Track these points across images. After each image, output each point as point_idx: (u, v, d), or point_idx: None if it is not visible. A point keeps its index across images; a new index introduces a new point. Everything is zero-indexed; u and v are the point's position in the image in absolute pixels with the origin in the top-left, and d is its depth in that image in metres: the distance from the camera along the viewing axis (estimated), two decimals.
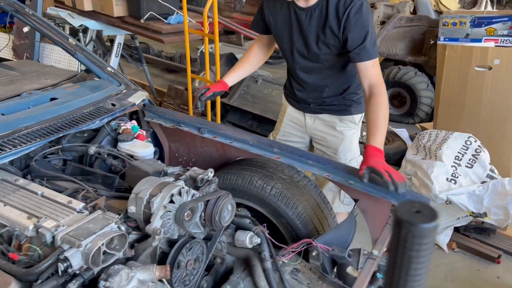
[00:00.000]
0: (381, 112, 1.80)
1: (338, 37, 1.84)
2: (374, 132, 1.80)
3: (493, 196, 2.51)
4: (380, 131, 1.78)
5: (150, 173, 1.61)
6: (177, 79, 6.48)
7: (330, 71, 2.03)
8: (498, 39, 2.96)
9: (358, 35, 1.78)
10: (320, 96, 2.13)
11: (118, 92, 2.12)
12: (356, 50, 1.79)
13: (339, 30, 1.82)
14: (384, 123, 1.79)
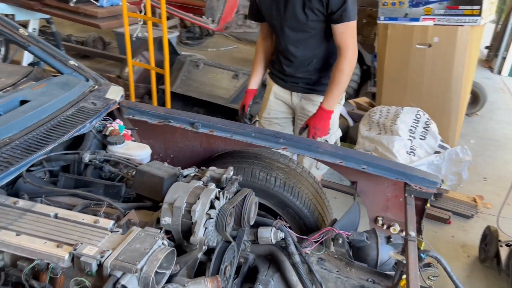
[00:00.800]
0: (335, 74, 2.03)
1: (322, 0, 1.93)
2: (327, 93, 2.09)
3: (449, 164, 2.75)
4: (332, 92, 2.05)
5: (165, 178, 1.48)
6: (93, 66, 5.98)
7: (317, 41, 2.12)
8: (435, 18, 3.19)
9: (337, 1, 1.89)
10: (307, 70, 2.20)
11: (91, 88, 1.89)
12: (339, 11, 1.91)
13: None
14: (336, 85, 2.04)
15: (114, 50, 6.41)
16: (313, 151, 1.83)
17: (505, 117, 5.20)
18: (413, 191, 1.69)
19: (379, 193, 1.90)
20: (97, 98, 1.81)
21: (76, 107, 1.69)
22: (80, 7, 3.26)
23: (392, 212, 1.90)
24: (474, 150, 4.23)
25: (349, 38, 1.97)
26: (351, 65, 2.02)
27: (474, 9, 3.02)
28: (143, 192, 1.53)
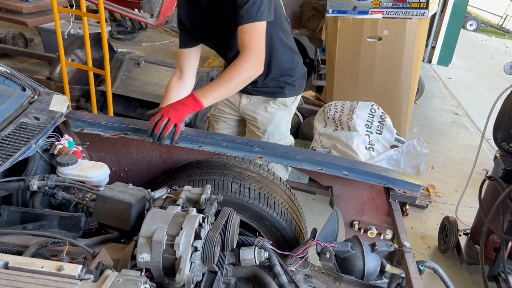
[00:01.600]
0: (228, 72, 1.72)
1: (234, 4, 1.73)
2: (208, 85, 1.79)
3: (408, 158, 2.75)
4: (212, 85, 1.74)
5: (133, 204, 1.29)
6: (15, 65, 5.41)
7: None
8: (384, 11, 3.18)
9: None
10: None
11: (30, 99, 1.62)
12: (240, 11, 1.71)
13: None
14: (223, 82, 1.72)
15: (38, 47, 5.85)
16: (291, 159, 1.72)
17: (440, 105, 5.43)
18: (397, 195, 1.62)
19: (355, 197, 1.83)
20: (40, 111, 1.55)
21: (15, 124, 1.43)
22: (1, 2, 2.87)
23: (368, 215, 1.84)
24: None
25: (253, 39, 1.69)
26: (250, 68, 1.70)
27: (421, 2, 3.05)
28: (107, 221, 1.31)
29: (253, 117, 2.18)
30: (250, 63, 1.69)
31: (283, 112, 2.17)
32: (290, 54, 2.05)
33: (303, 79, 2.16)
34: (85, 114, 1.77)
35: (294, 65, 2.06)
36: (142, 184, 1.97)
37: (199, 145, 1.72)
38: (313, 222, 2.99)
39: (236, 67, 1.69)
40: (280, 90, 2.09)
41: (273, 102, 2.13)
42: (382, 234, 1.81)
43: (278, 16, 1.87)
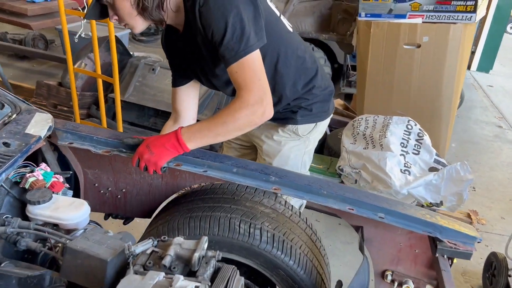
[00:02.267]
0: (222, 114, 1.35)
1: (211, 43, 1.35)
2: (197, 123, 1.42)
3: (449, 184, 2.41)
4: (203, 127, 1.37)
5: (108, 261, 1.02)
6: (34, 68, 5.31)
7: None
8: (424, 15, 2.84)
9: (216, 30, 1.29)
10: None
11: (6, 119, 1.38)
12: (220, 50, 1.31)
13: (204, 33, 1.34)
14: (215, 125, 1.36)
15: (58, 49, 5.73)
16: (315, 194, 1.41)
17: (481, 116, 4.99)
18: (446, 250, 1.30)
19: (389, 242, 1.52)
20: (13, 135, 1.30)
21: None
22: (5, 3, 2.70)
23: (405, 266, 1.53)
24: (456, 156, 3.98)
25: (248, 79, 1.32)
26: (250, 113, 1.32)
27: (468, 5, 2.69)
28: (77, 280, 1.05)
29: (259, 144, 1.82)
30: (251, 106, 1.31)
31: (295, 143, 1.76)
32: (303, 74, 1.63)
33: (325, 102, 1.72)
34: (76, 126, 1.53)
35: (309, 86, 1.65)
36: (142, 209, 1.73)
37: (204, 170, 1.44)
38: (338, 251, 2.69)
39: (231, 110, 1.33)
40: (291, 116, 1.69)
41: (282, 130, 1.73)
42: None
43: (275, 33, 1.49)
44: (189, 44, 1.48)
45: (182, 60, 1.61)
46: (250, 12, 1.32)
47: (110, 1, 1.34)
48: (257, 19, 1.34)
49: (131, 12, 1.35)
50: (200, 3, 1.29)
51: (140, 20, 1.38)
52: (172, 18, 1.43)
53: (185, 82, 1.66)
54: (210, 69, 1.51)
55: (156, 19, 1.38)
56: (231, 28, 1.27)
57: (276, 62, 1.54)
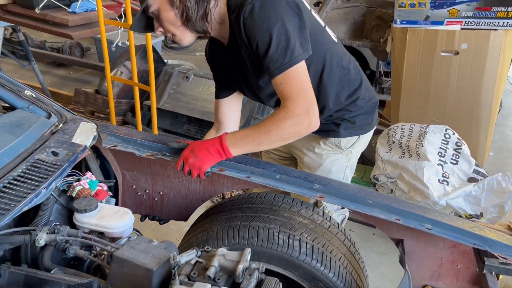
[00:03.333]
0: (267, 122, 1.36)
1: (255, 55, 1.36)
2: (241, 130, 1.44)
3: (490, 195, 2.34)
4: (248, 134, 1.39)
5: (154, 270, 1.03)
6: (70, 75, 5.47)
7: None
8: (462, 21, 2.77)
9: (261, 42, 1.30)
10: None
11: (53, 129, 1.42)
12: (265, 61, 1.32)
13: (249, 45, 1.35)
14: (259, 133, 1.37)
15: (93, 56, 5.89)
16: (360, 203, 1.39)
17: None
18: (495, 267, 1.25)
19: (430, 257, 1.49)
20: (60, 145, 1.34)
21: (28, 161, 1.22)
22: (47, 14, 2.78)
23: (446, 282, 1.50)
24: (495, 165, 3.86)
25: (294, 90, 1.33)
26: (296, 123, 1.33)
27: (509, 11, 2.61)
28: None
29: (300, 157, 1.81)
30: (297, 117, 1.31)
31: (337, 156, 1.74)
32: (347, 85, 1.61)
33: (368, 114, 1.70)
34: (120, 129, 1.56)
35: (353, 98, 1.63)
36: (179, 211, 1.75)
37: (247, 175, 1.45)
38: (373, 262, 2.65)
39: (276, 119, 1.33)
40: (334, 128, 1.67)
41: (324, 142, 1.71)
42: None
43: (320, 43, 1.49)
44: (233, 56, 1.50)
45: (226, 72, 1.62)
46: (295, 23, 1.33)
47: (156, 13, 1.37)
48: (303, 30, 1.35)
49: (175, 23, 1.37)
50: (245, 15, 1.30)
51: (186, 31, 1.40)
52: (216, 30, 1.45)
53: (228, 94, 1.68)
54: (254, 81, 1.52)
55: (200, 30, 1.40)
56: (276, 40, 1.28)
57: (321, 73, 1.53)
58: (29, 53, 3.92)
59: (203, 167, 1.39)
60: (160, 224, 1.76)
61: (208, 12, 1.38)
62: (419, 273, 1.51)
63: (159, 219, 1.73)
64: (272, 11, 1.29)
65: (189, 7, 1.34)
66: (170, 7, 1.34)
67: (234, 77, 1.59)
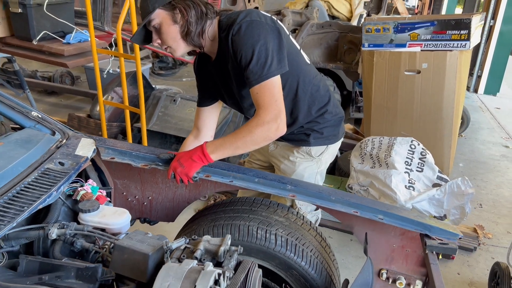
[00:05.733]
0: (242, 130, 1.59)
1: (239, 67, 1.59)
2: (220, 138, 1.66)
3: (451, 198, 2.58)
4: (225, 141, 1.61)
5: (149, 254, 1.24)
6: (61, 102, 5.68)
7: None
8: (422, 44, 3.08)
9: (245, 56, 1.53)
10: None
11: (58, 144, 1.64)
12: (246, 73, 1.55)
13: (234, 58, 1.59)
14: (235, 139, 1.59)
15: (83, 84, 6.12)
16: (325, 199, 1.62)
17: (488, 137, 5.14)
18: (435, 247, 1.49)
19: (384, 244, 1.71)
20: (66, 156, 1.56)
21: (39, 170, 1.43)
22: (44, 45, 3.02)
23: (397, 265, 1.71)
24: (464, 174, 4.12)
25: (266, 99, 1.55)
26: (265, 129, 1.54)
27: (462, 34, 2.92)
28: (124, 272, 1.27)
29: (277, 165, 2.04)
30: (267, 123, 1.53)
31: (309, 163, 1.96)
32: (317, 100, 1.84)
33: (335, 126, 1.92)
34: (116, 143, 1.77)
35: (322, 111, 1.85)
36: (166, 213, 1.95)
37: (230, 180, 1.67)
38: (350, 265, 2.86)
39: (250, 126, 1.56)
40: (305, 138, 1.89)
41: (297, 151, 1.94)
42: (412, 285, 1.67)
43: (295, 63, 1.72)
44: (220, 69, 1.72)
45: (211, 83, 1.85)
46: (275, 44, 1.57)
47: (157, 26, 1.59)
48: (281, 50, 1.58)
49: (175, 36, 1.59)
50: (233, 32, 1.54)
51: (182, 44, 1.62)
52: (208, 46, 1.68)
53: (210, 103, 1.91)
54: (236, 91, 1.74)
55: (196, 45, 1.64)
56: (257, 55, 1.51)
57: (296, 88, 1.76)
58: (23, 82, 4.13)
59: (189, 173, 1.61)
60: (151, 225, 1.95)
61: (205, 29, 1.62)
62: (376, 258, 1.72)
63: (149, 221, 1.93)
64: (256, 31, 1.54)
65: (191, 22, 1.57)
66: (172, 22, 1.57)
67: (219, 88, 1.82)
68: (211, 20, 1.62)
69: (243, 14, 1.58)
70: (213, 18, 1.63)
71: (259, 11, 1.66)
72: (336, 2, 5.32)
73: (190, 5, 1.56)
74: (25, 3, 2.91)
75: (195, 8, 1.56)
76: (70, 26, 3.15)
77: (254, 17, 1.57)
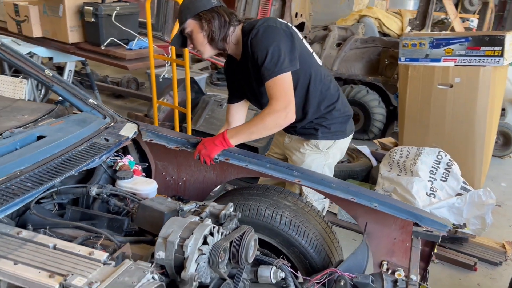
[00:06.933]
0: (256, 118, 1.87)
1: (257, 64, 1.84)
2: (238, 126, 1.97)
3: (471, 207, 2.64)
4: (241, 127, 1.92)
5: (165, 212, 1.51)
6: (126, 105, 6.24)
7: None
8: (456, 59, 3.17)
9: (260, 55, 1.80)
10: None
11: (106, 125, 1.98)
12: (261, 70, 1.81)
13: (252, 58, 1.85)
14: (250, 126, 1.87)
15: (147, 90, 6.67)
16: (326, 186, 1.81)
17: None
18: (420, 233, 1.63)
19: (386, 236, 1.85)
20: (111, 135, 1.89)
21: (88, 143, 1.77)
22: (110, 50, 3.47)
23: (398, 257, 1.84)
24: (505, 194, 4.05)
25: (278, 92, 1.81)
26: (275, 117, 1.81)
27: (495, 50, 2.99)
28: (144, 226, 1.56)
29: (290, 156, 2.26)
30: (277, 112, 1.79)
31: (316, 155, 2.15)
32: (327, 98, 2.06)
33: (342, 123, 2.13)
34: (156, 128, 2.08)
35: (330, 108, 2.06)
36: (197, 194, 2.19)
37: (245, 164, 1.91)
38: None
39: (262, 114, 1.83)
40: (313, 132, 2.10)
41: (307, 144, 2.14)
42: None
43: (307, 64, 1.96)
44: (243, 69, 2.00)
45: (237, 82, 2.13)
46: (288, 45, 1.83)
47: (189, 33, 1.91)
48: (293, 51, 1.85)
49: (202, 42, 1.90)
50: (252, 36, 1.83)
51: (208, 48, 1.93)
52: (233, 49, 1.98)
53: (238, 101, 2.19)
54: (256, 88, 2.01)
55: (220, 48, 1.94)
56: (270, 55, 1.78)
57: (308, 85, 2.01)
58: (93, 84, 4.69)
59: (211, 155, 1.88)
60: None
61: (227, 36, 1.91)
62: (378, 250, 1.87)
63: (182, 199, 2.22)
64: (271, 35, 1.82)
65: (214, 31, 1.87)
66: (200, 30, 1.88)
67: (243, 86, 2.10)
68: (234, 27, 1.91)
69: (262, 20, 1.86)
70: (236, 25, 1.91)
71: (277, 18, 1.94)
72: (387, 19, 5.45)
73: (214, 16, 1.85)
74: (97, 14, 3.39)
75: (219, 18, 1.86)
76: (133, 34, 3.59)
77: (271, 23, 1.85)
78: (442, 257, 2.98)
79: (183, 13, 1.90)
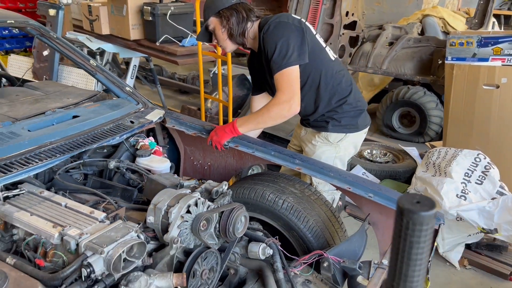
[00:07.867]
0: (262, 108, 1.97)
1: (268, 58, 1.94)
2: (248, 115, 2.07)
3: (504, 212, 2.52)
4: (249, 117, 2.04)
5: (167, 186, 1.68)
6: (190, 100, 6.61)
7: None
8: (505, 58, 3.02)
9: (270, 50, 1.90)
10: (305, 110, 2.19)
11: (136, 110, 2.21)
12: (271, 63, 1.90)
13: (264, 52, 1.94)
14: (257, 116, 2.00)
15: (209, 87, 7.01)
16: (324, 174, 1.89)
17: None
18: None
19: (390, 227, 1.88)
20: (137, 118, 2.12)
21: (114, 123, 2.01)
22: (164, 46, 3.77)
23: None
24: None
25: (283, 84, 1.90)
26: (280, 108, 1.91)
27: None
28: (150, 197, 1.74)
29: (304, 148, 2.34)
30: (281, 103, 1.90)
31: (327, 147, 2.22)
32: (338, 92, 2.12)
33: (354, 117, 2.17)
34: (180, 115, 2.28)
35: (341, 102, 2.12)
36: (220, 177, 2.35)
37: (253, 151, 2.04)
38: None
39: (268, 105, 1.95)
40: (324, 125, 2.18)
41: (318, 136, 2.22)
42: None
43: (319, 59, 2.05)
44: (259, 62, 2.14)
45: (257, 75, 2.27)
46: (298, 40, 1.94)
47: (212, 29, 2.08)
48: (302, 46, 1.94)
49: (223, 37, 2.07)
50: (264, 31, 1.96)
51: (229, 43, 2.09)
52: (251, 43, 2.12)
53: (259, 93, 2.34)
54: (270, 80, 2.12)
55: (239, 43, 2.10)
56: (279, 49, 1.90)
57: (319, 80, 2.09)
58: (156, 78, 5.07)
59: (221, 141, 2.04)
60: None
61: (245, 31, 2.06)
62: (383, 240, 1.90)
63: None
64: (281, 30, 1.93)
65: (232, 27, 2.03)
66: (221, 27, 2.04)
67: (261, 78, 2.23)
68: (252, 22, 2.04)
69: (275, 16, 1.98)
70: (254, 21, 2.05)
71: (290, 14, 2.05)
72: (453, 19, 5.23)
73: (233, 13, 2.00)
74: (154, 13, 3.70)
75: (237, 15, 2.00)
76: (186, 32, 3.86)
77: (283, 19, 1.95)
78: (475, 263, 2.87)
79: (206, 11, 2.07)
